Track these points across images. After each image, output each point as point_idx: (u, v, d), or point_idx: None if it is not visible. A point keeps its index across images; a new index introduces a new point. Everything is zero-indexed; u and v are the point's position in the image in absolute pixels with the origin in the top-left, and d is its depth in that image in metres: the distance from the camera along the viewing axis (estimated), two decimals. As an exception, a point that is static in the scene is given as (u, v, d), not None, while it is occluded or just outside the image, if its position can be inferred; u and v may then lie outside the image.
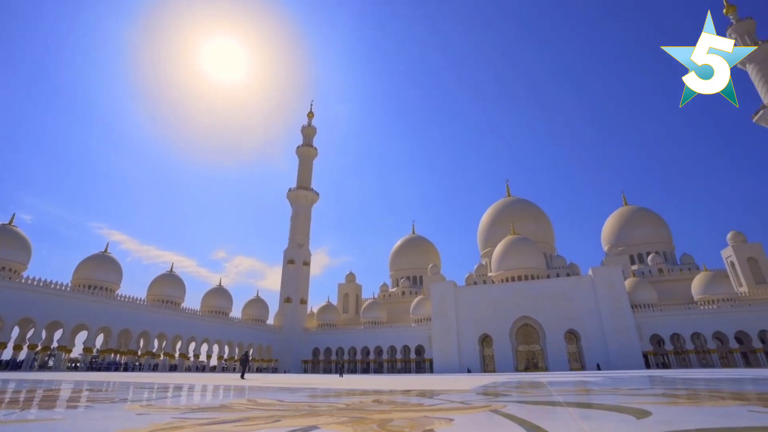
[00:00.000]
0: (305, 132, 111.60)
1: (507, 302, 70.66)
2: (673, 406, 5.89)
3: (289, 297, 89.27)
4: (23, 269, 54.82)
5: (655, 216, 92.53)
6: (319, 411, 5.87)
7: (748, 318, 61.71)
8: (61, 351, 52.36)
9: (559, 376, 28.96)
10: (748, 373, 23.14)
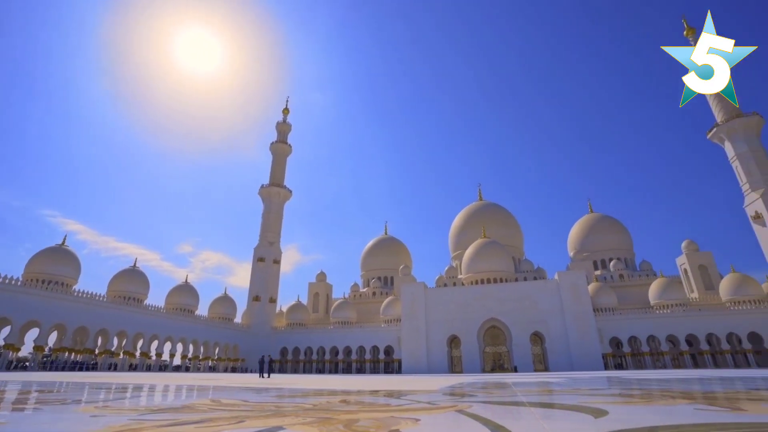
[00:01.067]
0: (280, 128, 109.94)
1: (475, 304, 71.97)
2: (628, 406, 6.16)
3: (258, 295, 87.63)
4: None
5: (618, 224, 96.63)
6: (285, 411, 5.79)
7: (697, 322, 65.48)
8: (7, 349, 49.17)
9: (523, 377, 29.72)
10: (696, 374, 24.53)
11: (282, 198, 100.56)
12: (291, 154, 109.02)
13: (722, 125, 72.60)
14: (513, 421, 4.75)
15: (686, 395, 8.02)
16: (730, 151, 72.01)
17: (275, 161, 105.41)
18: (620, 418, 4.60)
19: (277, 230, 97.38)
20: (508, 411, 5.94)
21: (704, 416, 4.83)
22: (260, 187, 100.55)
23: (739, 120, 70.91)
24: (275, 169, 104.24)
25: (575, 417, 5.05)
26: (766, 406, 5.79)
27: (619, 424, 4.10)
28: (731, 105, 73.92)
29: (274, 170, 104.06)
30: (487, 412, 5.53)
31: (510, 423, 4.53)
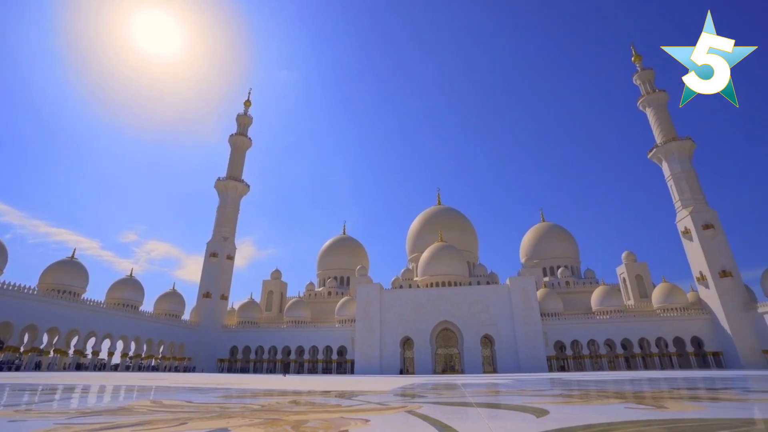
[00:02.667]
0: (240, 120, 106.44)
1: (430, 306, 73.24)
2: (568, 405, 6.51)
3: (209, 292, 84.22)
4: None
5: (567, 234, 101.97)
6: (231, 413, 5.60)
7: (631, 327, 70.48)
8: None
9: (473, 378, 30.56)
10: (628, 375, 26.37)
11: (239, 192, 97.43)
12: (251, 147, 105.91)
13: (660, 147, 78.68)
14: (461, 422, 4.87)
15: (619, 395, 8.58)
16: (666, 171, 78.14)
17: (234, 154, 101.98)
18: (560, 417, 4.85)
19: (233, 225, 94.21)
20: (456, 411, 6.08)
21: (633, 414, 5.20)
22: (216, 180, 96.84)
23: (674, 143, 77.13)
24: (233, 162, 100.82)
25: (519, 417, 5.26)
26: (685, 404, 6.33)
27: (558, 423, 4.33)
28: (669, 128, 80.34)
29: (232, 163, 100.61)
30: (437, 413, 5.63)
31: (458, 423, 4.64)
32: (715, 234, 69.24)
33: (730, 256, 68.47)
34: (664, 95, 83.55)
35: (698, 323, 68.08)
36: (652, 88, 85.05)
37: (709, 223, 69.91)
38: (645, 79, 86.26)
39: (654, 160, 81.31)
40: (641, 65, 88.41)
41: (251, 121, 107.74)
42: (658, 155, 79.55)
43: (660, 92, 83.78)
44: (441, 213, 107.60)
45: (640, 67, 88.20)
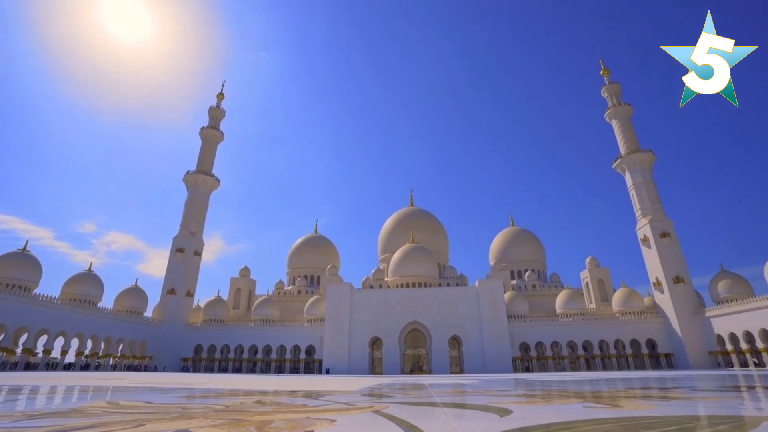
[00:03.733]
0: (212, 113, 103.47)
1: (399, 307, 73.64)
2: (530, 405, 6.70)
3: (174, 288, 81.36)
4: None
5: (535, 238, 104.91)
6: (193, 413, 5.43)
7: (592, 330, 73.34)
8: None
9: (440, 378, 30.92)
10: (588, 376, 27.41)
11: (209, 187, 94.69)
12: (222, 141, 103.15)
13: (624, 157, 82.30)
14: (427, 421, 4.92)
15: (578, 395, 8.91)
16: (629, 181, 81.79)
17: (204, 147, 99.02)
18: (522, 417, 4.99)
19: (201, 220, 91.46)
20: (423, 411, 6.14)
21: (591, 413, 5.41)
22: (186, 174, 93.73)
23: (637, 155, 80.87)
24: (204, 155, 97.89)
25: (483, 416, 5.37)
26: (638, 403, 6.64)
27: (521, 422, 4.45)
28: (633, 140, 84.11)
29: (202, 157, 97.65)
30: (403, 413, 5.66)
31: (424, 423, 4.69)
32: (671, 242, 73.04)
33: (683, 263, 72.40)
34: (629, 108, 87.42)
35: (653, 326, 71.60)
36: (619, 101, 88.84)
37: (665, 231, 73.66)
38: (612, 92, 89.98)
39: (618, 170, 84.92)
40: (609, 79, 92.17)
41: (224, 114, 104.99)
42: (621, 165, 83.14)
43: (625, 105, 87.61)
44: (413, 214, 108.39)
45: (608, 80, 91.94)
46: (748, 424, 4.26)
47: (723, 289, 67.01)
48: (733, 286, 66.50)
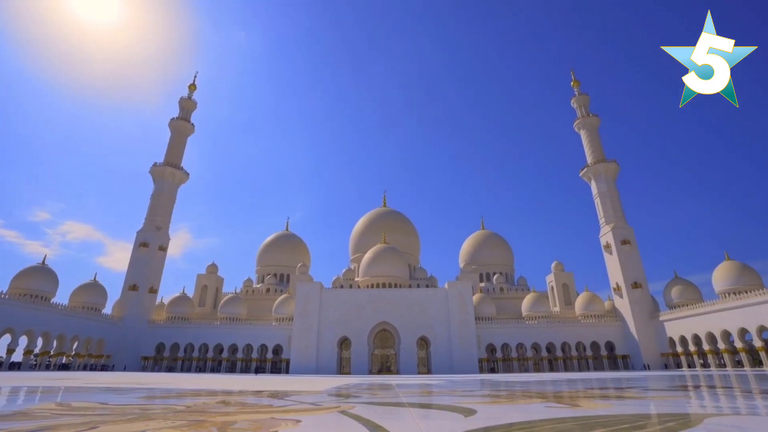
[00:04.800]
0: (183, 104, 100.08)
1: (369, 307, 73.65)
2: (495, 405, 6.84)
3: (136, 284, 78.09)
4: None
5: (504, 242, 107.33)
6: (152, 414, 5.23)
7: (556, 332, 75.84)
8: None
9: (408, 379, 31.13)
10: (550, 377, 28.30)
11: (177, 180, 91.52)
12: (193, 134, 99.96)
13: (591, 167, 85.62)
14: (392, 421, 4.94)
15: (541, 395, 9.18)
16: (594, 189, 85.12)
17: (174, 139, 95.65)
18: (486, 416, 5.09)
19: (168, 214, 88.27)
20: (389, 411, 6.16)
21: (552, 412, 5.59)
22: (153, 166, 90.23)
23: (602, 164, 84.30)
24: (173, 147, 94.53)
25: (448, 416, 5.44)
26: (596, 402, 6.92)
27: (484, 422, 4.54)
28: (599, 150, 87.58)
29: (171, 149, 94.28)
30: (370, 413, 5.66)
31: (389, 423, 4.70)
32: (631, 249, 76.53)
33: (641, 269, 76.01)
34: (596, 119, 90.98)
35: (612, 329, 74.77)
36: (587, 112, 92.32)
37: (626, 239, 77.11)
38: (581, 104, 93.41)
39: (584, 179, 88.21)
40: (579, 90, 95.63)
41: (195, 106, 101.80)
42: (588, 174, 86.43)
43: (593, 117, 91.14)
44: (386, 215, 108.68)
45: (578, 91, 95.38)
46: (693, 421, 4.52)
47: (676, 294, 70.80)
48: (684, 292, 70.34)
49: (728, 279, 63.15)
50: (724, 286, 63.04)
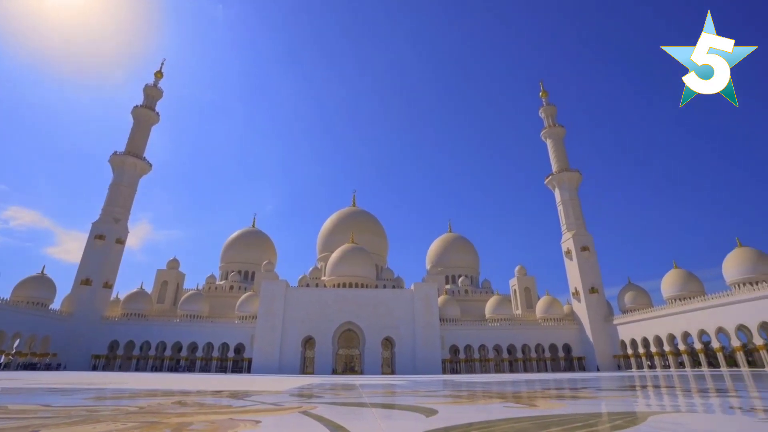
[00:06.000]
0: (148, 92, 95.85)
1: (335, 307, 73.20)
2: (456, 405, 6.95)
3: (89, 278, 73.91)
4: None
5: (470, 245, 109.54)
6: (101, 416, 4.96)
7: (517, 334, 78.16)
8: None
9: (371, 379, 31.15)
10: (510, 377, 29.11)
11: (138, 171, 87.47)
12: (157, 123, 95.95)
13: (555, 175, 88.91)
14: (354, 422, 4.92)
15: (501, 395, 9.42)
16: (557, 197, 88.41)
17: (137, 128, 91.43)
18: (447, 416, 5.17)
19: (127, 206, 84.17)
20: (351, 412, 6.14)
21: (511, 412, 5.74)
22: (113, 154, 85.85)
23: (566, 173, 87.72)
24: (135, 136, 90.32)
25: (410, 416, 5.48)
26: (552, 402, 7.17)
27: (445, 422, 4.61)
28: (563, 159, 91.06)
29: (133, 137, 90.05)
30: (332, 413, 5.62)
31: (350, 423, 4.68)
32: (590, 256, 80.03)
33: (599, 275, 79.64)
34: (562, 130, 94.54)
35: (569, 332, 77.88)
36: (554, 122, 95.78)
37: (586, 245, 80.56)
38: (548, 114, 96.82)
39: (549, 186, 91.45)
40: (547, 101, 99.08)
41: (161, 94, 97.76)
42: (552, 182, 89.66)
43: (559, 127, 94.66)
44: (355, 215, 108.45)
45: (546, 102, 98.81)
46: (639, 418, 4.78)
47: (629, 299, 74.65)
48: (636, 298, 74.32)
49: (675, 286, 67.44)
50: (671, 293, 67.29)
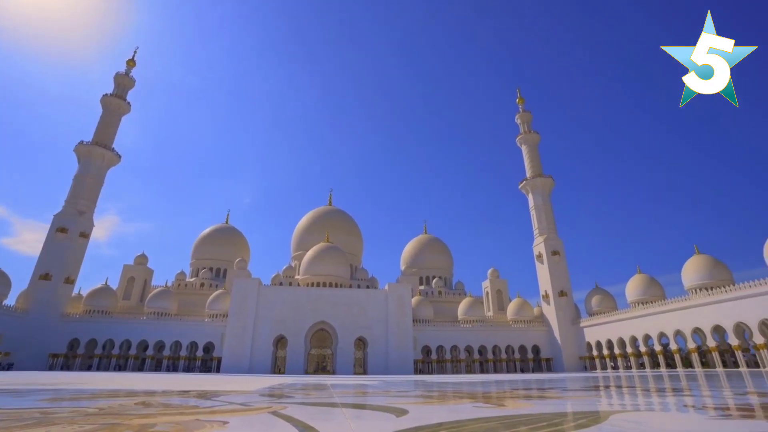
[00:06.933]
0: (120, 81, 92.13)
1: (308, 306, 72.51)
2: (426, 405, 7.01)
3: (49, 273, 70.32)
4: None
5: (445, 247, 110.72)
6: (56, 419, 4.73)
7: (488, 336, 79.58)
8: None
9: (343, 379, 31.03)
10: (481, 378, 29.60)
11: (106, 162, 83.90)
12: (128, 113, 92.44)
13: (529, 180, 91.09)
14: (324, 422, 4.89)
15: (471, 396, 9.56)
16: (531, 202, 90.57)
17: (105, 117, 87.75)
18: (417, 417, 5.20)
19: (93, 198, 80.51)
20: (322, 412, 6.09)
21: (480, 412, 5.84)
22: (79, 144, 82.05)
23: (539, 179, 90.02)
24: (104, 126, 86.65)
25: (381, 416, 5.49)
26: (520, 402, 7.34)
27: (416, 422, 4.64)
28: (537, 165, 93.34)
29: (102, 127, 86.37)
30: (302, 414, 5.56)
31: (321, 424, 4.65)
32: (560, 260, 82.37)
33: (568, 279, 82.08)
34: (536, 136, 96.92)
35: (538, 334, 79.90)
36: (529, 129, 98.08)
37: (556, 250, 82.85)
38: (524, 120, 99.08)
39: (523, 191, 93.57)
40: (523, 107, 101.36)
41: (133, 84, 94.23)
42: (526, 187, 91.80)
43: (534, 133, 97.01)
44: (330, 214, 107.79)
45: (522, 108, 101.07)
46: (601, 417, 4.95)
47: (595, 303, 77.30)
48: (602, 301, 77.07)
49: (638, 290, 70.35)
50: (634, 297, 70.15)
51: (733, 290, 49.89)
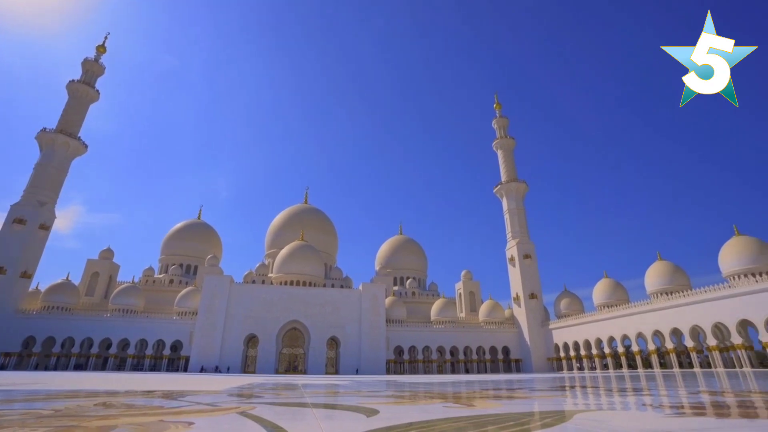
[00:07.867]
0: (88, 67, 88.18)
1: (280, 305, 71.56)
2: (397, 405, 7.03)
3: (3, 267, 66.51)
4: None
5: (419, 248, 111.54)
6: (5, 422, 4.47)
7: (460, 337, 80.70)
8: None
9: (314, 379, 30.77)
10: (452, 378, 29.96)
11: (71, 152, 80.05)
12: (96, 101, 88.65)
13: (503, 185, 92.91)
14: (294, 422, 4.83)
15: (441, 396, 9.65)
16: (504, 206, 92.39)
17: (72, 104, 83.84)
18: (388, 417, 5.20)
19: (56, 189, 76.73)
20: (292, 412, 6.02)
21: (450, 412, 5.90)
22: (41, 131, 77.97)
23: (513, 183, 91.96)
24: (70, 113, 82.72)
25: (351, 416, 5.47)
26: (488, 402, 7.47)
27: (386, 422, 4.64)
28: (512, 170, 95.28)
29: (67, 114, 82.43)
30: (271, 414, 5.48)
31: (290, 424, 4.59)
32: (531, 263, 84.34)
33: (538, 282, 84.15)
34: (512, 141, 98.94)
35: (509, 335, 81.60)
36: (505, 134, 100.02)
37: (528, 253, 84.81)
38: (501, 125, 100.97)
39: (497, 195, 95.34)
40: (500, 113, 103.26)
41: (103, 71, 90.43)
42: (500, 191, 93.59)
43: (509, 138, 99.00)
44: (306, 212, 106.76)
45: (500, 114, 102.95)
46: (566, 416, 5.10)
47: (564, 306, 79.63)
48: (570, 304, 79.47)
49: (605, 294, 73.00)
50: (601, 300, 72.75)
51: (689, 295, 52.49)
